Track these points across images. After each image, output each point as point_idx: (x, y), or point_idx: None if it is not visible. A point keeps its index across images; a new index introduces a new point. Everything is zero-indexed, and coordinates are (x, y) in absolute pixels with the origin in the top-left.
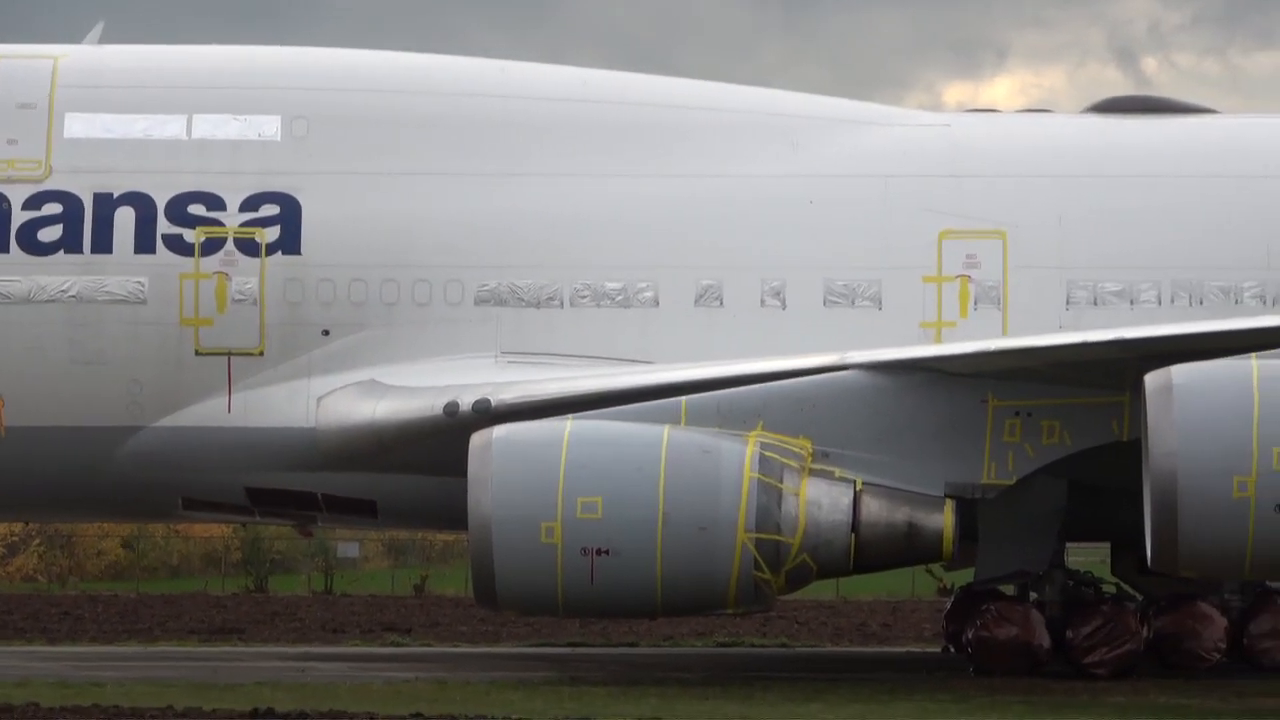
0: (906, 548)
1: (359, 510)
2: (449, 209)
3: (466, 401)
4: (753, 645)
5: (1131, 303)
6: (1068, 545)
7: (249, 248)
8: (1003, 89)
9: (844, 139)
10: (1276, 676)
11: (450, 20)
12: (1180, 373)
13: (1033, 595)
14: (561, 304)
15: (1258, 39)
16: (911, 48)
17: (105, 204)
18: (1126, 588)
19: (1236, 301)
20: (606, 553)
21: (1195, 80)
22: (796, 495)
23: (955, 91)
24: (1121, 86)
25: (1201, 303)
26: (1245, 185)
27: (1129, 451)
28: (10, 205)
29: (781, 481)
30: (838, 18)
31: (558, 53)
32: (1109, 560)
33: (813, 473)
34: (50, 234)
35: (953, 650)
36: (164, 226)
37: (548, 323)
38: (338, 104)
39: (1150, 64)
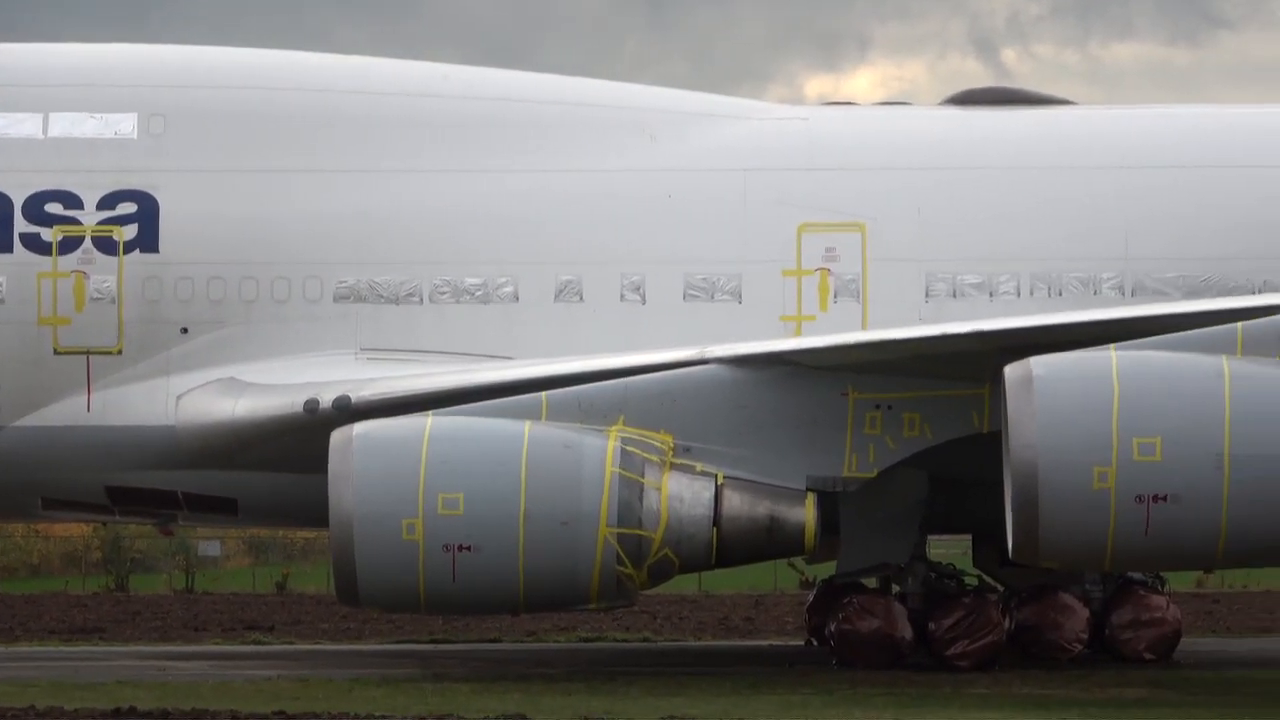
0: (768, 541)
1: (220, 508)
2: (308, 206)
3: (327, 398)
4: (615, 640)
5: (991, 295)
6: (929, 537)
7: (107, 246)
8: (864, 81)
9: (703, 133)
10: (1137, 667)
11: (312, 17)
12: (1040, 364)
13: (895, 588)
14: (421, 300)
15: (1116, 30)
16: (773, 41)
17: None
18: (988, 580)
19: (1095, 292)
20: (468, 549)
21: (1055, 71)
22: (658, 490)
23: (817, 84)
24: (982, 78)
25: (1060, 294)
26: (1103, 176)
27: (990, 443)
28: None
29: (643, 476)
30: (700, 12)
31: (421, 49)
32: (970, 552)
33: (674, 467)
34: None
35: (815, 643)
36: (21, 225)
37: (407, 319)
38: (195, 101)
39: (1010, 55)
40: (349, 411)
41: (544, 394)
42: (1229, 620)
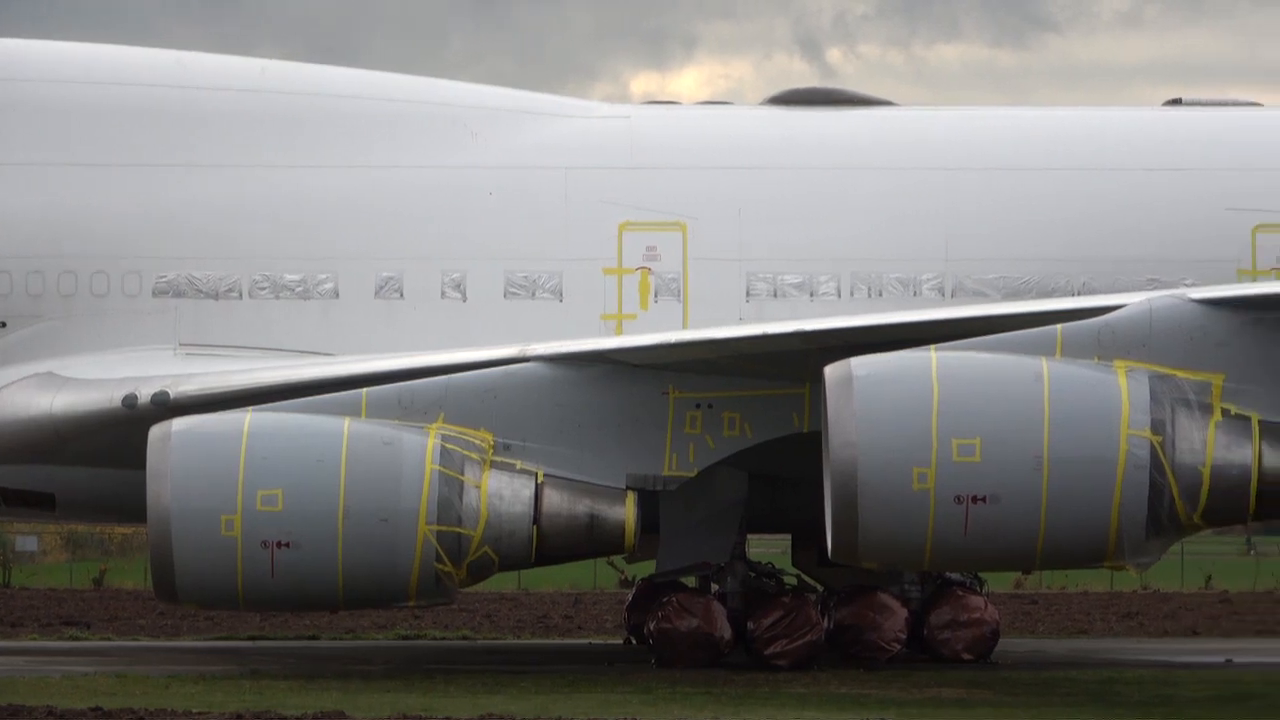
0: (588, 539)
1: (37, 503)
2: (127, 200)
3: (145, 394)
4: (435, 638)
5: (811, 295)
6: (749, 537)
7: None
8: (691, 80)
9: (524, 131)
10: (955, 667)
11: (135, 11)
12: (860, 365)
13: (714, 587)
14: (240, 295)
15: (941, 31)
16: (599, 38)
17: None
18: (807, 579)
19: (915, 293)
20: (287, 545)
21: (880, 71)
22: (478, 487)
23: (643, 82)
24: (808, 78)
25: (881, 295)
26: (923, 177)
27: (810, 443)
28: None
29: (463, 474)
30: (526, 8)
31: (248, 44)
32: (790, 552)
33: (494, 465)
34: None
35: (635, 642)
36: None
37: (227, 314)
38: (12, 94)
39: (835, 55)
40: (168, 407)
41: (364, 391)
42: (1046, 621)
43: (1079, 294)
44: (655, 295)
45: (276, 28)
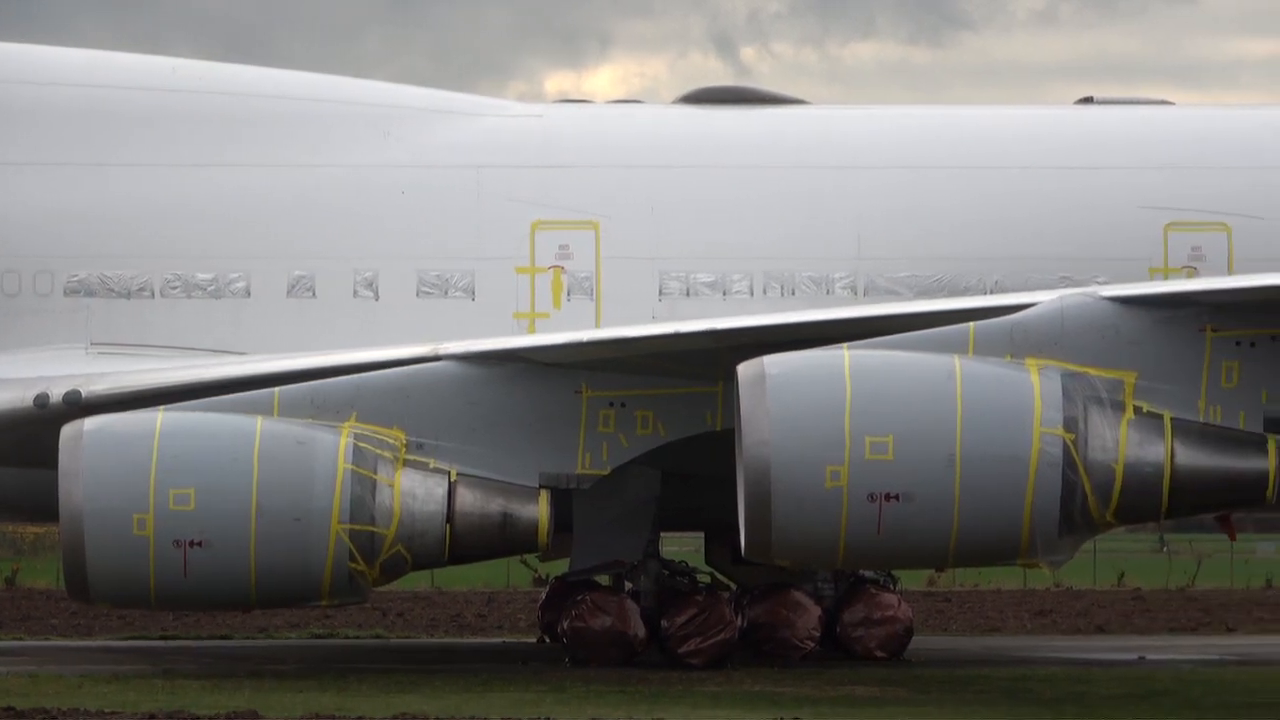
0: (501, 538)
1: None
2: (38, 199)
3: (57, 393)
4: (348, 637)
5: (724, 293)
6: (662, 535)
7: None
8: (606, 78)
9: (436, 129)
10: (869, 665)
11: (50, 9)
12: (773, 363)
13: (628, 585)
14: (153, 294)
15: (855, 29)
16: (514, 37)
17: None
18: (721, 577)
19: (828, 292)
20: (200, 545)
21: (794, 70)
22: (391, 486)
23: (557, 81)
24: (722, 76)
25: (793, 293)
26: (835, 176)
27: (723, 441)
28: None
29: (375, 472)
30: (442, 7)
31: (160, 43)
32: (703, 550)
33: (407, 464)
34: None
35: (548, 641)
36: None
37: (139, 313)
38: None
39: (750, 54)
40: (79, 406)
41: (276, 390)
42: (959, 619)
43: (991, 292)
44: (568, 294)
45: (190, 27)
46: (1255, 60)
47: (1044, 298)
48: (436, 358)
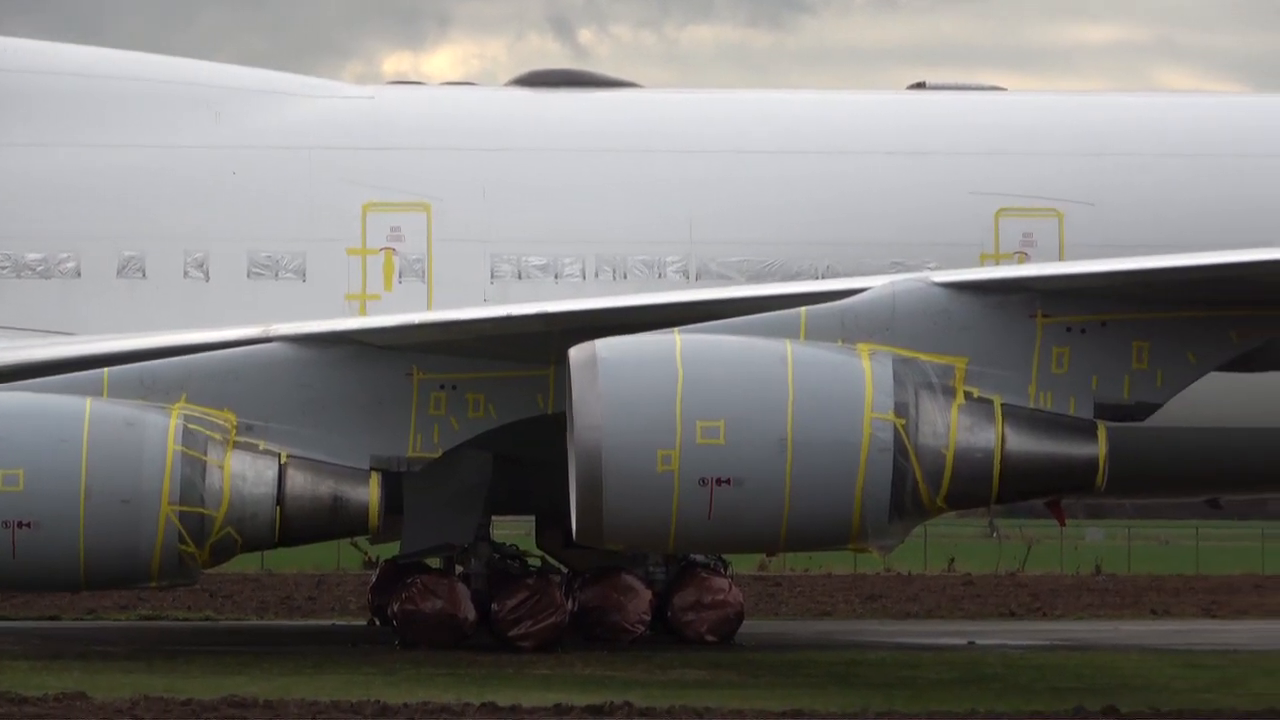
0: (332, 520)
1: None
2: None
3: None
4: (177, 619)
5: (556, 276)
6: (494, 518)
7: None
8: (444, 59)
9: (268, 110)
10: (699, 648)
11: None
12: (604, 347)
13: (458, 568)
14: None
15: (692, 12)
16: (353, 17)
17: None
18: (552, 561)
19: (660, 275)
20: (28, 526)
21: (632, 52)
22: (220, 468)
23: (395, 62)
24: (560, 58)
25: (625, 277)
26: (668, 160)
27: (555, 425)
28: None
29: (205, 454)
30: None
31: None
32: (534, 533)
33: (237, 445)
34: None
35: (379, 623)
36: None
37: None
38: None
39: (587, 35)
40: None
41: (105, 371)
42: (790, 603)
43: (823, 277)
44: (399, 276)
45: (28, 6)
46: (1092, 46)
47: (876, 283)
48: (267, 339)
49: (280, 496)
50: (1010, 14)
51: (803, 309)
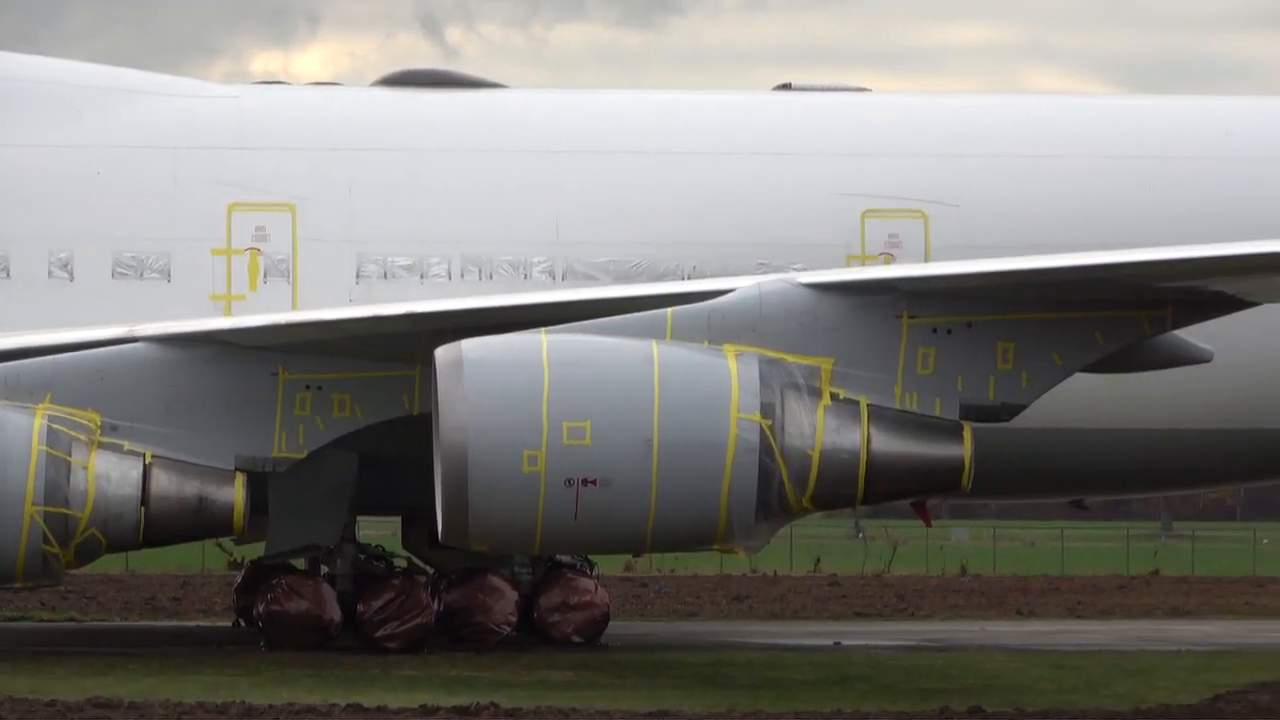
0: (197, 521)
1: None
2: None
3: None
4: (41, 620)
5: (422, 276)
6: (359, 519)
7: None
8: (314, 58)
9: (132, 110)
10: (564, 649)
11: None
12: (470, 347)
13: (324, 569)
14: None
15: (562, 12)
16: (222, 15)
17: None
18: (418, 561)
19: (526, 276)
20: None
21: (502, 52)
22: (85, 469)
23: (265, 60)
24: (430, 57)
25: (491, 277)
26: (534, 160)
27: (420, 425)
28: None
29: (70, 455)
30: None
31: None
32: (400, 534)
33: (101, 446)
34: None
35: (244, 624)
36: None
37: None
38: None
39: (456, 34)
40: None
41: None
42: (656, 604)
43: (689, 278)
44: (264, 276)
45: None
46: (962, 47)
47: (742, 283)
48: (132, 339)
49: (145, 497)
50: (880, 15)
51: (669, 310)
